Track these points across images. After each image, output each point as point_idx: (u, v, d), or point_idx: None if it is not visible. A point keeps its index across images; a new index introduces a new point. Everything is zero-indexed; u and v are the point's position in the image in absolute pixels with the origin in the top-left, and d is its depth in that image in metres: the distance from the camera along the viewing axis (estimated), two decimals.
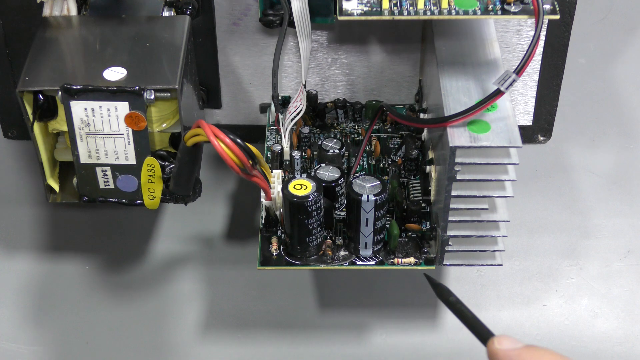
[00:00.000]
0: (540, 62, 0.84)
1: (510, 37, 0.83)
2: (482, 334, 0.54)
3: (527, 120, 0.89)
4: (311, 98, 0.84)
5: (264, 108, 0.88)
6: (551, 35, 0.83)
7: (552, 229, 0.87)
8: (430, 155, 0.76)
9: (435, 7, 0.67)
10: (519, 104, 0.87)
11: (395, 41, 0.84)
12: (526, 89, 0.86)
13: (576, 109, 0.97)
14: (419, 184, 0.78)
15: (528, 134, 0.90)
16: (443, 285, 0.63)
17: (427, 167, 0.76)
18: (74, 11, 0.77)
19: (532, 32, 0.82)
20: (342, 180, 0.74)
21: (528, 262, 0.84)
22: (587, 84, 1.00)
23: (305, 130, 0.81)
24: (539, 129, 0.90)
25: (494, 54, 0.74)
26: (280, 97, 0.85)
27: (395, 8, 0.67)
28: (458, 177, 0.67)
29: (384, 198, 0.69)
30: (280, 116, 0.81)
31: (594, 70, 1.02)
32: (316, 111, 0.85)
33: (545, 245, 0.85)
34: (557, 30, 0.82)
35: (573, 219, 0.88)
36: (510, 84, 0.65)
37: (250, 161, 0.67)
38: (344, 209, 0.75)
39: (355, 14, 0.67)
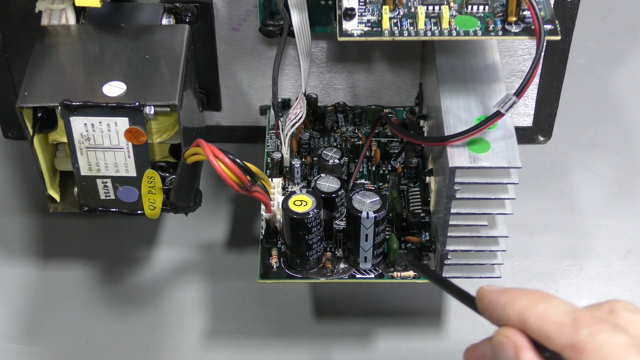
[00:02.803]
0: (541, 66, 0.84)
1: (511, 41, 0.83)
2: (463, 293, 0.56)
3: (528, 122, 0.89)
4: (311, 102, 0.84)
5: (263, 110, 0.88)
6: (552, 40, 0.82)
7: (552, 229, 0.87)
8: (430, 165, 0.76)
9: (435, 28, 0.66)
10: (519, 105, 0.87)
11: (396, 46, 0.84)
12: (527, 91, 0.86)
13: (576, 110, 0.96)
14: (418, 193, 0.78)
15: (528, 135, 0.90)
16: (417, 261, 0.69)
17: (427, 178, 0.77)
18: (72, 20, 0.76)
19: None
20: (342, 191, 0.74)
21: (528, 262, 0.84)
22: (587, 84, 0.99)
23: (305, 136, 0.81)
24: (539, 130, 0.90)
25: (495, 69, 0.74)
26: (280, 100, 0.85)
27: (395, 28, 0.67)
28: (457, 195, 0.67)
29: (383, 215, 0.69)
30: (280, 122, 0.81)
31: (594, 70, 1.01)
32: (316, 115, 0.85)
33: (545, 245, 0.85)
34: None
35: (573, 219, 0.88)
36: (511, 106, 0.65)
37: (249, 179, 0.67)
38: (343, 219, 0.75)
39: (355, 34, 0.66)
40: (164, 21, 0.78)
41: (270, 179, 0.74)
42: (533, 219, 0.87)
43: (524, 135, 0.90)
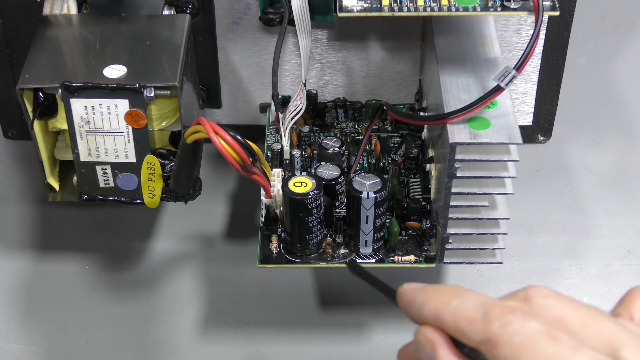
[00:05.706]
0: (540, 62, 0.85)
1: (510, 36, 0.83)
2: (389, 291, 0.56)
3: (527, 120, 0.89)
4: (311, 97, 0.84)
5: (264, 108, 0.88)
6: (551, 34, 0.83)
7: (552, 229, 0.86)
8: (430, 153, 0.76)
9: (435, 4, 0.67)
10: (519, 103, 0.87)
11: (395, 40, 0.84)
12: (526, 88, 0.86)
13: (576, 109, 0.97)
14: (419, 183, 0.78)
15: (528, 134, 0.90)
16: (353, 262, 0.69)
17: (427, 166, 0.76)
18: (74, 10, 0.77)
19: (532, 31, 0.82)
20: (342, 178, 0.74)
21: (528, 262, 0.84)
22: (587, 84, 1.00)
23: (305, 129, 0.81)
24: (538, 129, 0.90)
25: (494, 52, 0.74)
26: (280, 97, 0.85)
27: (395, 4, 0.67)
28: (458, 174, 0.67)
29: (384, 195, 0.69)
30: (280, 115, 0.81)
31: (594, 70, 1.02)
32: (316, 110, 0.85)
33: (545, 245, 0.85)
34: (556, 29, 0.82)
35: (573, 219, 0.87)
36: (510, 80, 0.65)
37: (250, 158, 0.67)
38: (343, 207, 0.75)
39: (355, 10, 0.67)
40: (165, 12, 0.78)
41: (271, 169, 0.74)
42: (533, 219, 0.87)
43: (524, 135, 0.89)
